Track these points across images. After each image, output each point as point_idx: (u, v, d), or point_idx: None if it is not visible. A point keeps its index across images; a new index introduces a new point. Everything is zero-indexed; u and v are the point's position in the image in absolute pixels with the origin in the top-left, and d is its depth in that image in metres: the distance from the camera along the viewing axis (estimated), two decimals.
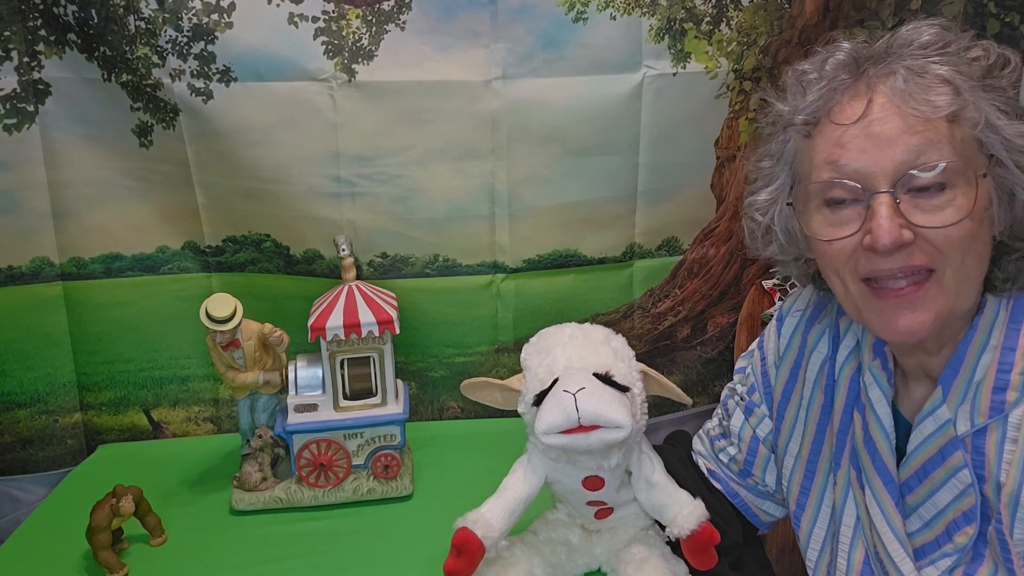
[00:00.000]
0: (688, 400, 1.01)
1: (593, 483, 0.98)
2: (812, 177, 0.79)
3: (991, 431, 0.76)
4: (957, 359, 0.79)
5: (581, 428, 0.88)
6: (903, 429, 0.84)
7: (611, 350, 0.95)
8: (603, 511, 1.03)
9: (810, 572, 0.95)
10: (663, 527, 1.01)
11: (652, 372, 0.99)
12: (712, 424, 1.11)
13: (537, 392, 0.93)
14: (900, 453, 0.84)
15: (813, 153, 0.79)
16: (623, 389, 0.92)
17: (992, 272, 0.79)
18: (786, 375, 0.98)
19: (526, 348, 0.99)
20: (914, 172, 0.73)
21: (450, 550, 0.94)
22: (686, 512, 0.97)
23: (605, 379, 0.91)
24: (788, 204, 0.86)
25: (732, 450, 1.05)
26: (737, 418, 1.05)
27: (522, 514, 0.99)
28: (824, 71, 0.80)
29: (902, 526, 0.82)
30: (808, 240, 0.83)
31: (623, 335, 0.99)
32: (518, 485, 0.98)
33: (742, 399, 1.05)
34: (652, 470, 1.00)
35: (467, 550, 0.93)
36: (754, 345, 1.06)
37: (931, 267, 0.75)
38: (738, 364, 1.09)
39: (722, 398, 1.10)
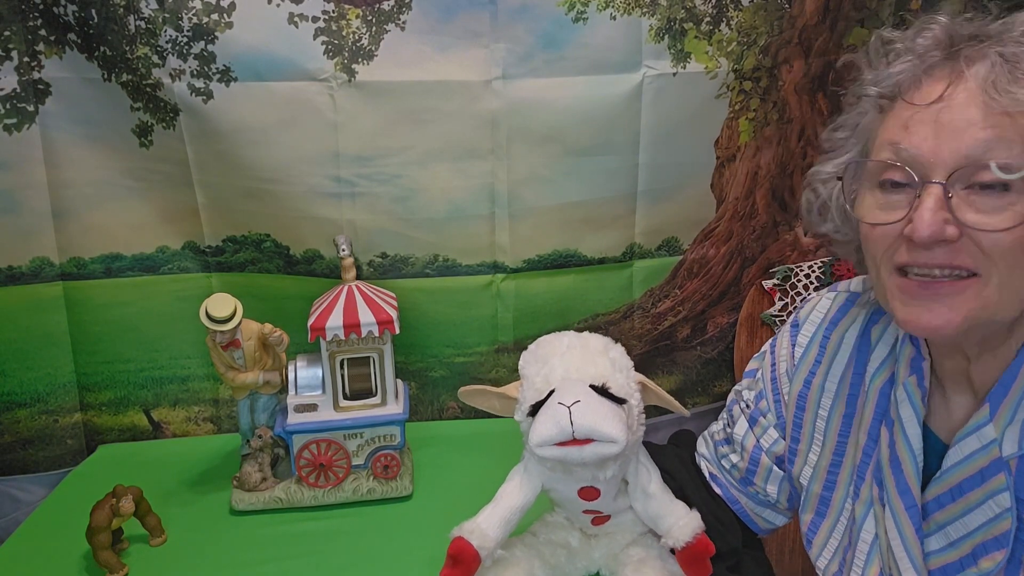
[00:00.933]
0: (685, 412, 1.00)
1: (589, 493, 0.97)
2: (872, 155, 0.75)
3: None
4: (1009, 376, 0.73)
5: (575, 441, 0.87)
6: (933, 447, 0.79)
7: (609, 361, 0.94)
8: (599, 518, 1.03)
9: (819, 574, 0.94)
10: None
11: (650, 384, 0.98)
12: (717, 428, 1.09)
13: (533, 402, 0.91)
14: (929, 470, 0.79)
15: (881, 130, 0.74)
16: (620, 401, 0.91)
17: None
18: (800, 384, 0.94)
19: (524, 356, 0.98)
20: (975, 168, 0.67)
21: (446, 559, 0.94)
22: (681, 523, 0.96)
23: (602, 391, 0.90)
24: (838, 178, 0.79)
25: (734, 457, 1.03)
26: (741, 426, 1.02)
27: (518, 523, 0.99)
28: (914, 44, 0.73)
29: (920, 552, 0.78)
30: (856, 222, 0.78)
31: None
32: (514, 494, 0.98)
33: (747, 406, 1.02)
34: (649, 481, 0.99)
35: (462, 560, 0.93)
36: (766, 347, 1.03)
37: (975, 271, 0.69)
38: (749, 365, 1.06)
39: (728, 402, 1.08)
